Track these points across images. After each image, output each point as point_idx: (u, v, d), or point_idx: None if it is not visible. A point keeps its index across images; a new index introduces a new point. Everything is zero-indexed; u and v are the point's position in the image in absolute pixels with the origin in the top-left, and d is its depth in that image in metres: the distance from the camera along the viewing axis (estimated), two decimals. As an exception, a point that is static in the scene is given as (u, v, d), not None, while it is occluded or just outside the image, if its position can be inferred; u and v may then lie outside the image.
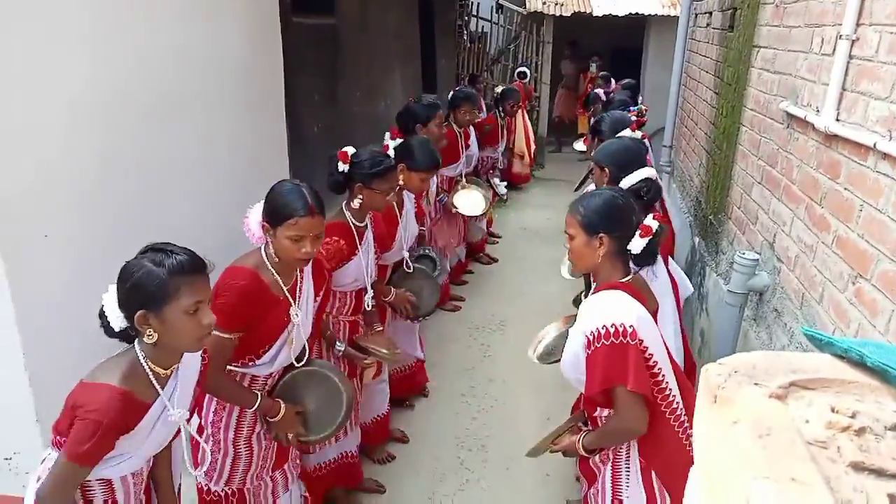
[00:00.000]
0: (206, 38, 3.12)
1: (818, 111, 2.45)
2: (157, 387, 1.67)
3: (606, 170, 2.69)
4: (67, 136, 2.29)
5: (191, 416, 1.87)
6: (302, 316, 2.22)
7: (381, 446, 3.44)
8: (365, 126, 5.39)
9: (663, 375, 1.91)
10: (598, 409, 2.05)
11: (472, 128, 5.31)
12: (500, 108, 6.41)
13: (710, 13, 4.95)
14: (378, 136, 3.34)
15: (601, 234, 1.96)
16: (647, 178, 2.60)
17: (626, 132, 3.33)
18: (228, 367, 2.15)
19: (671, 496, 1.98)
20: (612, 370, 1.83)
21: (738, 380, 0.78)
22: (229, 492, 2.33)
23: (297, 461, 2.60)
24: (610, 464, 2.08)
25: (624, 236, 1.95)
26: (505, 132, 6.25)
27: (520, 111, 8.30)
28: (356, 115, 5.39)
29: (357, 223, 2.71)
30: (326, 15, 4.92)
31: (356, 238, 2.69)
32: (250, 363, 2.19)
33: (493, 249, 6.49)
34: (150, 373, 1.65)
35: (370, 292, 2.86)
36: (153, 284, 1.54)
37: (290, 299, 2.17)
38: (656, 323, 2.01)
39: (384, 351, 2.82)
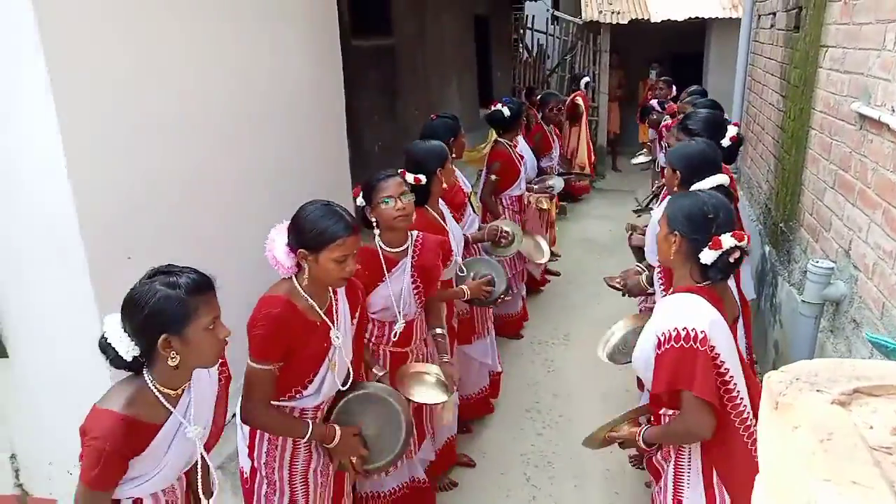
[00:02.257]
0: (273, 63, 3.26)
1: (893, 110, 2.34)
2: (168, 406, 1.66)
3: (677, 172, 2.63)
4: (152, 161, 2.45)
5: (215, 440, 1.86)
6: (343, 338, 2.16)
7: (444, 473, 3.35)
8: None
9: (735, 384, 1.88)
10: (664, 408, 2.03)
11: (523, 140, 5.25)
12: (541, 115, 6.18)
13: (774, 14, 4.81)
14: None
15: (676, 233, 1.96)
16: (720, 185, 2.54)
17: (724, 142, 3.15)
18: (276, 402, 2.10)
19: (734, 502, 1.94)
20: (678, 373, 1.83)
21: (800, 386, 0.79)
22: None
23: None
24: (672, 463, 2.07)
25: (698, 242, 1.92)
26: (555, 138, 6.11)
27: (581, 121, 8.22)
28: (414, 131, 5.48)
29: (388, 249, 2.60)
30: (385, 36, 5.04)
31: (382, 264, 2.57)
32: (297, 395, 2.12)
33: (555, 263, 6.43)
34: (159, 396, 1.64)
35: (400, 321, 2.67)
36: (174, 307, 1.54)
37: (329, 322, 2.12)
38: (735, 331, 1.98)
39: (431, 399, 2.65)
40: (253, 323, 1.98)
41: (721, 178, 2.57)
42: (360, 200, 2.60)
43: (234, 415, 2.12)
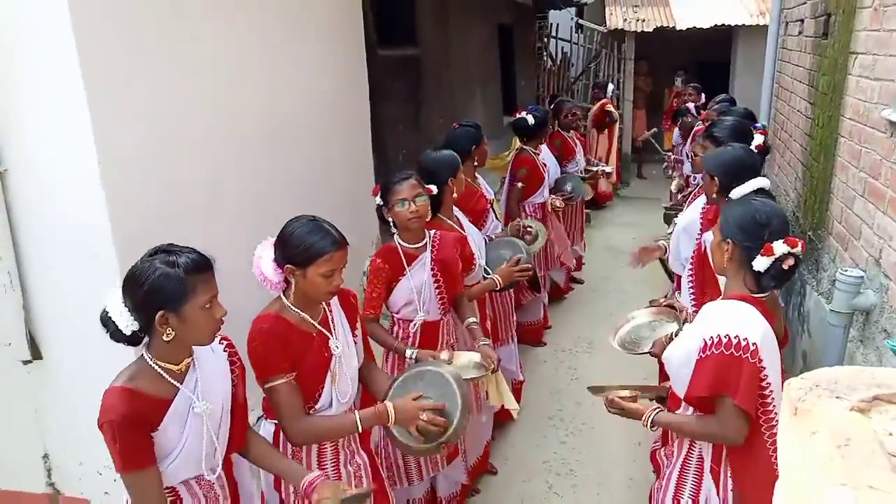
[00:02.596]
0: (300, 73, 3.32)
1: (925, 118, 2.31)
2: (172, 381, 1.69)
3: (716, 179, 2.62)
4: (181, 170, 2.51)
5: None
6: (343, 347, 2.13)
7: (476, 480, 3.35)
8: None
9: (772, 399, 1.87)
10: (683, 407, 2.01)
11: (546, 148, 5.24)
12: (557, 122, 6.02)
13: (802, 21, 4.75)
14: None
15: (729, 240, 1.95)
16: (759, 189, 2.52)
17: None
18: None
19: None
20: (723, 380, 1.82)
21: (819, 393, 0.79)
22: None
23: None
24: (679, 462, 2.06)
25: (751, 249, 1.91)
26: (577, 143, 6.06)
27: (613, 128, 8.18)
28: (438, 140, 5.51)
29: (407, 245, 2.70)
30: (410, 46, 5.08)
31: (403, 260, 2.68)
32: (311, 412, 2.08)
33: (579, 272, 6.40)
34: (160, 370, 1.68)
35: (420, 314, 2.73)
36: (172, 285, 1.59)
37: (326, 332, 2.10)
38: (781, 348, 1.97)
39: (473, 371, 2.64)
40: (249, 345, 1.99)
41: (761, 182, 2.53)
42: (378, 200, 2.68)
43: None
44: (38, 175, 2.21)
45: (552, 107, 6.28)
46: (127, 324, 1.62)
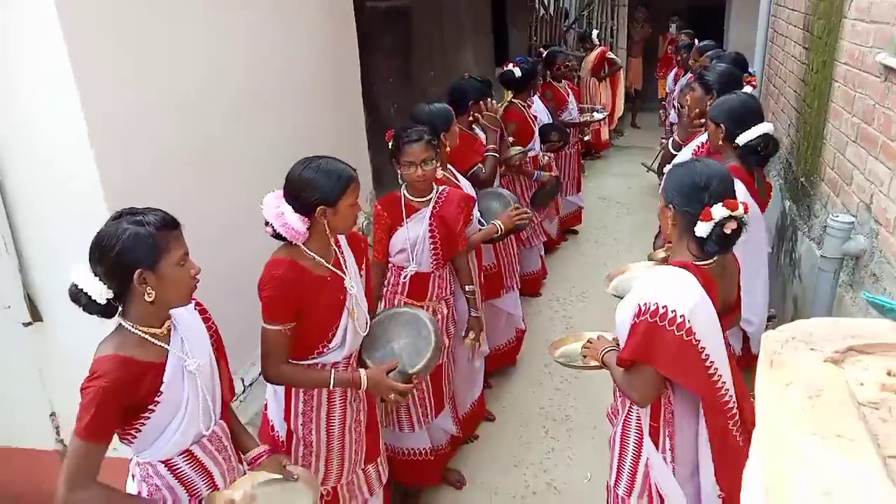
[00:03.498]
0: (286, 26, 3.25)
1: (919, 62, 2.30)
2: (159, 343, 1.69)
3: (721, 126, 2.57)
4: (175, 128, 2.48)
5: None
6: (357, 286, 2.21)
7: (473, 429, 3.45)
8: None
9: (716, 369, 1.82)
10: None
11: (538, 100, 5.18)
12: (549, 73, 5.97)
13: (799, -38, 4.66)
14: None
15: (671, 205, 1.89)
16: (765, 135, 2.49)
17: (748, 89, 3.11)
18: (304, 361, 2.15)
19: (724, 490, 1.91)
20: (646, 347, 1.79)
21: (795, 345, 0.81)
22: (323, 492, 2.29)
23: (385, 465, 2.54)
24: (622, 421, 2.08)
25: (691, 214, 1.84)
26: (569, 92, 5.99)
27: (613, 77, 8.08)
28: (431, 93, 5.45)
29: (411, 198, 2.74)
30: (399, -4, 4.97)
31: (403, 211, 2.72)
32: (324, 350, 2.16)
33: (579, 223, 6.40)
34: (144, 335, 1.66)
35: (412, 265, 2.77)
36: (145, 243, 1.57)
37: (340, 272, 2.16)
38: (731, 318, 1.96)
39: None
40: (261, 286, 2.04)
41: (766, 127, 2.51)
42: (391, 145, 2.69)
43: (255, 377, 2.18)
44: (28, 139, 2.19)
45: (545, 57, 6.19)
46: (101, 292, 1.59)
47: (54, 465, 2.53)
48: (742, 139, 2.47)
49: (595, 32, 8.57)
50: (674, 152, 3.46)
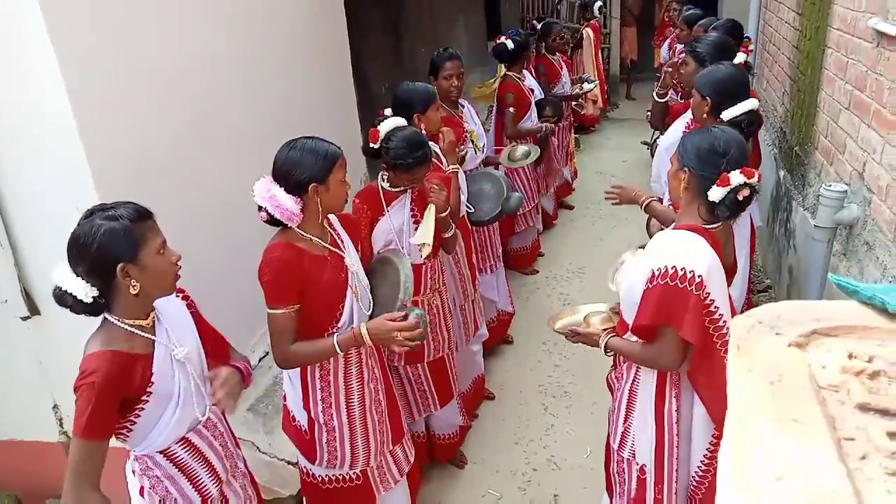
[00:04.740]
0: (274, 5, 3.21)
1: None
2: (146, 335, 1.71)
3: (707, 98, 2.57)
4: (163, 112, 2.46)
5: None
6: (356, 264, 2.22)
7: (474, 409, 3.48)
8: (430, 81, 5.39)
9: (724, 321, 1.87)
10: (634, 336, 2.04)
11: (528, 74, 5.13)
12: (544, 45, 5.90)
13: (791, -74, 4.58)
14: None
15: (686, 168, 1.93)
16: (750, 111, 2.48)
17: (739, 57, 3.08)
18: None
19: (719, 428, 1.96)
20: (667, 311, 1.83)
21: (760, 330, 0.81)
22: (353, 475, 2.33)
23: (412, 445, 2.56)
24: (628, 385, 2.10)
25: (707, 179, 1.89)
26: (563, 65, 5.93)
27: (591, 50, 8.00)
28: (421, 71, 5.39)
29: (389, 188, 2.67)
30: (387, -27, 4.90)
31: (382, 201, 2.65)
32: (333, 331, 2.15)
33: (569, 196, 6.41)
34: (131, 328, 1.68)
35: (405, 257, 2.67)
36: (123, 236, 1.58)
37: (338, 252, 2.16)
38: (730, 277, 1.97)
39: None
40: (260, 272, 2.04)
41: (751, 104, 2.50)
42: (372, 144, 2.59)
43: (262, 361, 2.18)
44: (19, 131, 2.18)
45: (540, 29, 6.12)
46: (85, 291, 1.59)
47: (58, 458, 2.57)
48: (727, 115, 2.45)
49: (598, 5, 8.40)
50: (659, 101, 3.52)
